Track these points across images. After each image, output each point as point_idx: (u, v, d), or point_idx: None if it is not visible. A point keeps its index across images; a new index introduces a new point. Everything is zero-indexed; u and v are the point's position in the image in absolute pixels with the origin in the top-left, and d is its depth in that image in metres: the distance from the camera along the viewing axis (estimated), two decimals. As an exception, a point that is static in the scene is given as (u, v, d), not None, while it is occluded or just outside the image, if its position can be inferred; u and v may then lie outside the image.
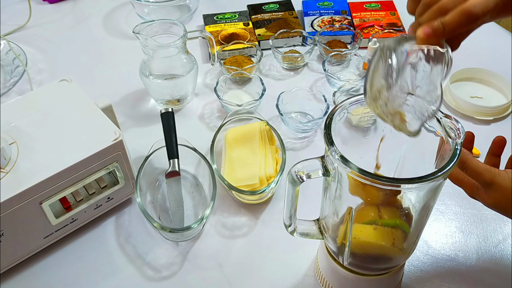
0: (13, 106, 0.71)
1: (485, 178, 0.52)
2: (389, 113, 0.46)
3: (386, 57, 0.46)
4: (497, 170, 0.53)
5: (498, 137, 0.58)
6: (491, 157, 0.59)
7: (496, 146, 0.59)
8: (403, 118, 0.46)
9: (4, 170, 0.62)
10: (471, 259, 0.68)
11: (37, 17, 1.19)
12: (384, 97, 0.46)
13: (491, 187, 0.53)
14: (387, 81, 0.46)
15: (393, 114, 0.46)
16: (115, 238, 0.71)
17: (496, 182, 0.52)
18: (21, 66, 1.00)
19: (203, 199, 0.75)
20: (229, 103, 0.87)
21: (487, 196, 0.54)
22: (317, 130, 0.87)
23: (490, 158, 0.59)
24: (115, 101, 0.94)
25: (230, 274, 0.67)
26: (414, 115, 0.46)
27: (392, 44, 0.47)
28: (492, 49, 1.06)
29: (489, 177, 0.52)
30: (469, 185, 0.56)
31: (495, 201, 0.54)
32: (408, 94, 0.46)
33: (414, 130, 0.45)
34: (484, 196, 0.55)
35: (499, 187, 0.52)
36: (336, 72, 0.97)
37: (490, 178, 0.52)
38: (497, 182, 0.52)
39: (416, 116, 0.46)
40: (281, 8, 1.16)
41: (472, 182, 0.56)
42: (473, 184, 0.56)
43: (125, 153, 0.68)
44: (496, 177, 0.52)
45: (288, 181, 0.52)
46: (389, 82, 0.45)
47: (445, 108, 0.92)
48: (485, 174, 0.52)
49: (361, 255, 0.56)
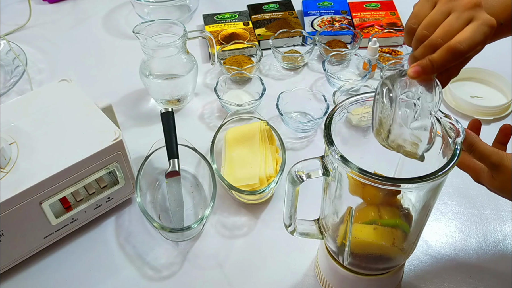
0: (13, 106, 0.71)
1: (493, 159, 0.52)
2: (393, 146, 0.49)
3: (382, 97, 0.49)
4: (505, 153, 0.52)
5: (505, 125, 0.58)
6: (497, 145, 0.58)
7: (503, 134, 0.58)
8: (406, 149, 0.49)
9: (4, 170, 0.62)
10: (471, 259, 0.68)
11: (37, 17, 1.19)
12: (385, 133, 0.49)
13: (499, 169, 0.52)
14: (386, 119, 0.49)
15: (397, 147, 0.49)
16: (115, 238, 0.71)
17: (504, 164, 0.52)
18: (21, 66, 1.00)
19: (203, 199, 0.75)
20: (229, 103, 0.87)
21: (493, 179, 0.54)
22: (317, 130, 0.87)
23: (496, 146, 0.58)
24: (115, 101, 0.94)
25: (230, 274, 0.67)
26: (414, 146, 0.49)
27: (388, 82, 0.50)
28: (492, 49, 1.05)
29: (497, 159, 0.52)
30: (475, 169, 0.56)
31: (502, 183, 0.53)
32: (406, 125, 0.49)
33: (419, 156, 0.48)
34: (490, 179, 0.54)
35: (506, 169, 0.52)
36: (336, 72, 0.97)
37: (498, 160, 0.52)
38: (505, 164, 0.51)
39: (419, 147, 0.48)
40: (281, 8, 1.16)
41: (478, 165, 0.55)
42: (479, 168, 0.55)
43: (125, 152, 0.68)
44: (504, 159, 0.52)
45: (288, 180, 0.52)
46: (387, 121, 0.49)
47: (445, 108, 0.92)
48: (493, 155, 0.52)
49: (361, 255, 0.56)
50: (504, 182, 0.53)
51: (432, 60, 0.50)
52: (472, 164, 0.56)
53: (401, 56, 0.99)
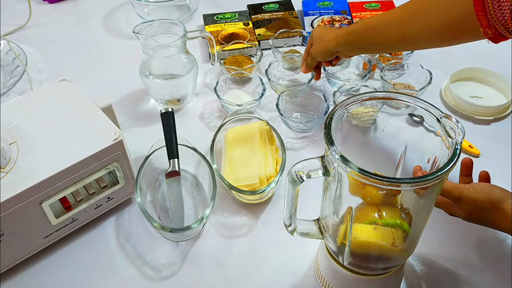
0: (13, 106, 0.71)
1: (454, 194, 0.59)
2: None
3: None
4: (463, 185, 0.59)
5: (465, 159, 0.64)
6: (463, 177, 0.65)
7: (465, 167, 0.64)
8: None
9: (4, 170, 0.62)
10: (471, 259, 0.68)
11: (37, 17, 1.19)
12: None
13: (461, 201, 0.59)
14: None
15: None
16: (115, 238, 0.71)
17: (464, 195, 0.59)
18: (21, 66, 1.00)
19: (203, 199, 0.75)
20: (229, 103, 0.87)
21: (460, 210, 0.61)
22: (317, 130, 0.87)
23: (462, 178, 0.65)
24: (115, 101, 0.94)
25: (230, 274, 0.67)
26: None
27: None
28: (492, 49, 1.05)
29: (458, 193, 0.59)
30: (445, 203, 0.63)
31: (468, 213, 0.60)
32: None
33: None
34: (458, 210, 0.61)
35: (467, 199, 0.58)
36: (336, 72, 0.97)
37: (459, 193, 0.59)
38: (465, 195, 0.58)
39: None
40: (281, 8, 1.16)
41: (447, 201, 0.62)
42: (449, 202, 0.62)
43: (125, 152, 0.68)
44: (463, 191, 0.59)
45: (288, 180, 0.52)
46: None
47: (445, 108, 0.92)
48: (453, 191, 0.59)
49: (361, 255, 0.56)
50: (469, 210, 0.60)
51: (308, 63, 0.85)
52: (442, 201, 0.63)
53: (401, 56, 0.99)
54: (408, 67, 0.96)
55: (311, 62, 0.84)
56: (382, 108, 0.60)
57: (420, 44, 0.66)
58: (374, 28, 0.69)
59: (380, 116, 0.61)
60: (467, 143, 0.83)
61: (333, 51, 0.77)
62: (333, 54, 0.78)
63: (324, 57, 0.80)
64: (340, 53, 0.77)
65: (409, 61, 0.95)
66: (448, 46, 0.64)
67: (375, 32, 0.69)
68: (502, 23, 0.55)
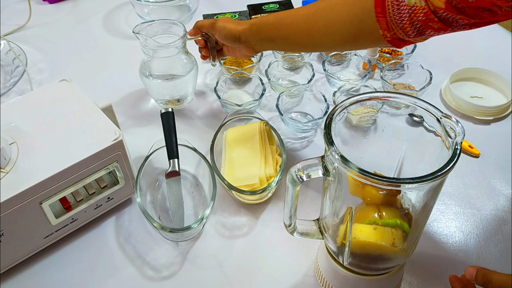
0: (13, 106, 0.71)
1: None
2: None
3: None
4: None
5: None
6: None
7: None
8: None
9: (4, 170, 0.62)
10: (471, 259, 0.68)
11: (37, 17, 1.19)
12: None
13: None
14: None
15: None
16: (115, 238, 0.71)
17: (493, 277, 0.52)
18: (21, 66, 1.00)
19: (203, 199, 0.75)
20: (229, 103, 0.87)
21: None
22: (317, 130, 0.87)
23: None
24: (115, 101, 0.94)
25: (230, 274, 0.67)
26: None
27: None
28: (492, 49, 1.06)
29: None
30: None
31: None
32: None
33: None
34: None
35: (497, 281, 0.51)
36: (336, 72, 0.97)
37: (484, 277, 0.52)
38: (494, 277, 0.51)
39: None
40: (281, 8, 1.16)
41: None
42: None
43: (125, 153, 0.68)
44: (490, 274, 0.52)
45: (288, 180, 0.52)
46: None
47: (445, 108, 0.92)
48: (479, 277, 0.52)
49: (361, 255, 0.56)
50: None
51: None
52: None
53: (401, 56, 0.99)
54: (408, 67, 0.96)
55: (196, 29, 0.83)
56: (382, 108, 0.60)
57: (323, 42, 0.66)
58: (283, 20, 0.69)
59: (380, 116, 0.61)
60: (467, 143, 0.83)
61: (238, 36, 0.75)
62: (237, 40, 0.76)
63: (226, 38, 0.77)
64: (247, 42, 0.75)
65: (409, 61, 0.96)
66: (349, 50, 0.63)
67: (283, 25, 0.69)
68: (400, 27, 0.55)
